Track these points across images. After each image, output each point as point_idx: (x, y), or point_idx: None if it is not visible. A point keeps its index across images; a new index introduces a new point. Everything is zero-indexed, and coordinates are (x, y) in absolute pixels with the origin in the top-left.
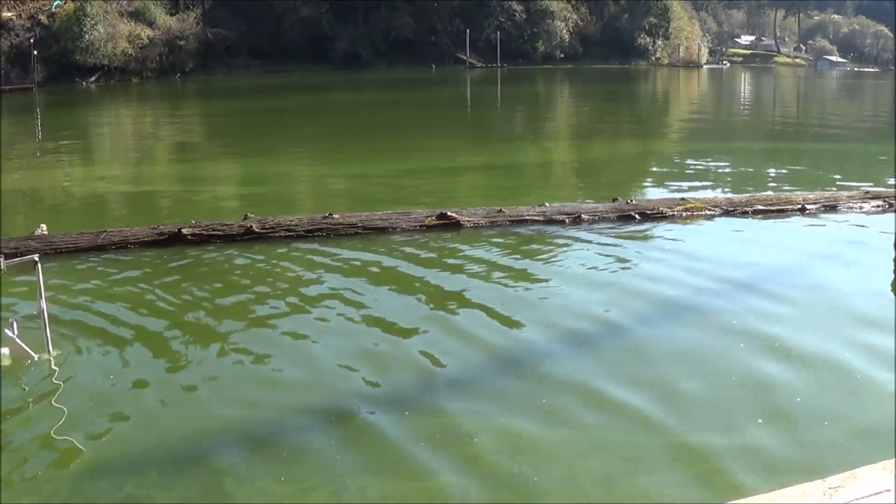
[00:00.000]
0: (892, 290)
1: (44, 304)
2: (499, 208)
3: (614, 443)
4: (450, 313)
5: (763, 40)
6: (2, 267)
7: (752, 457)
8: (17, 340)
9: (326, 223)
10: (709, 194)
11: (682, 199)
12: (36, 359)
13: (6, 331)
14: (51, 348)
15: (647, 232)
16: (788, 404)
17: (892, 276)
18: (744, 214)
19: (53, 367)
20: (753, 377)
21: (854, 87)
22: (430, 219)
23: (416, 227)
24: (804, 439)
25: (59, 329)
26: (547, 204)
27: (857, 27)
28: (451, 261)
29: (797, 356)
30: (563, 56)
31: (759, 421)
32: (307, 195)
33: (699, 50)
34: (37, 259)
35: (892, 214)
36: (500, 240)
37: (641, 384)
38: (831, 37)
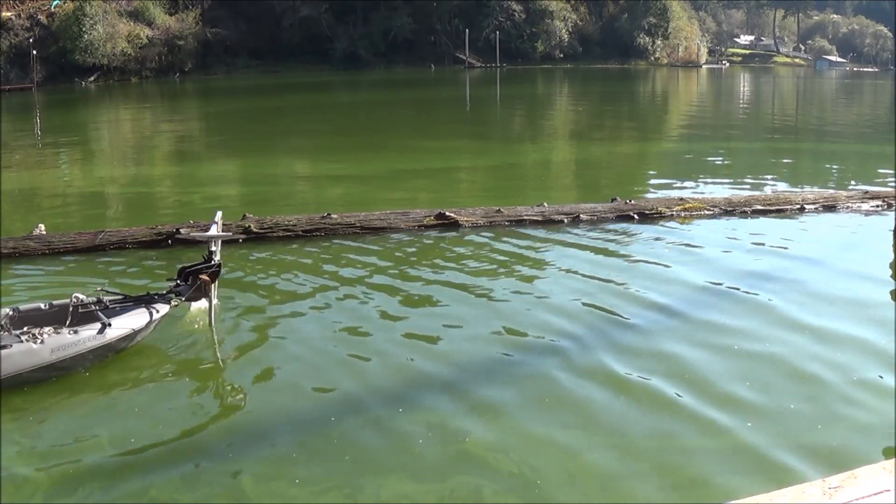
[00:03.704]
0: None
1: (218, 258)
2: (497, 208)
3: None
4: (449, 313)
5: (762, 40)
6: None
7: None
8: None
9: (325, 223)
10: (707, 194)
11: (681, 199)
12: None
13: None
14: (215, 297)
15: (646, 232)
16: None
17: (891, 276)
18: (742, 214)
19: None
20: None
21: (853, 86)
22: (428, 218)
23: (414, 226)
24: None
25: None
26: (546, 204)
27: (856, 27)
28: (448, 261)
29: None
30: (562, 56)
31: (749, 424)
32: (305, 195)
33: (698, 50)
34: (217, 220)
35: (892, 214)
36: (499, 240)
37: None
38: (830, 37)
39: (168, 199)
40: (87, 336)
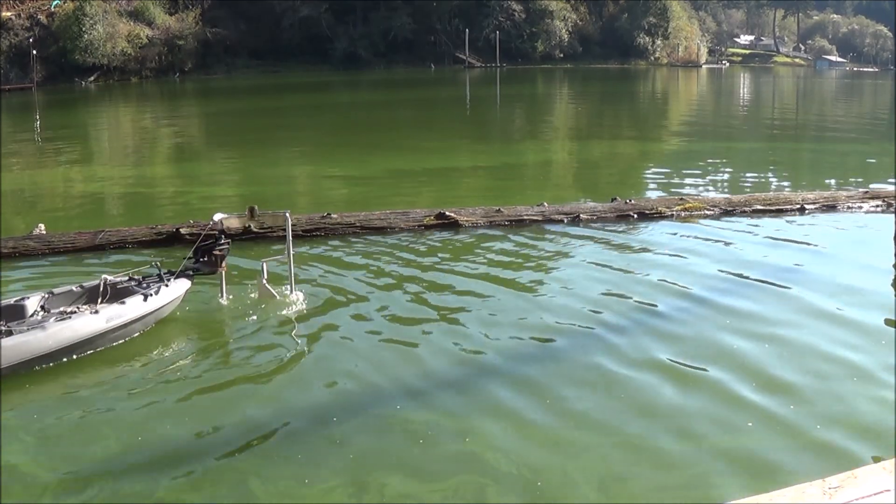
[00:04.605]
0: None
1: (291, 252)
2: (497, 208)
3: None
4: (447, 313)
5: (762, 40)
6: (256, 214)
7: None
8: (265, 282)
9: (325, 223)
10: (707, 194)
11: (681, 198)
12: (277, 298)
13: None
14: (293, 289)
15: (646, 231)
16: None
17: (893, 273)
18: (742, 214)
19: (296, 306)
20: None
21: (853, 86)
22: (428, 218)
23: (414, 226)
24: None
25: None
26: (546, 204)
27: (856, 27)
28: (448, 261)
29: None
30: (562, 56)
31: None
32: (305, 195)
33: (698, 50)
34: (288, 214)
35: (892, 214)
36: (499, 240)
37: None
38: (830, 37)
39: (168, 198)
40: (134, 305)
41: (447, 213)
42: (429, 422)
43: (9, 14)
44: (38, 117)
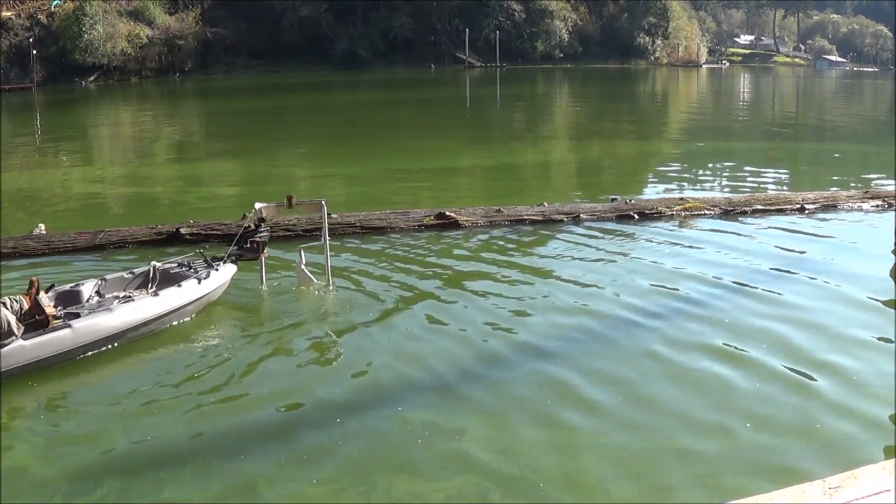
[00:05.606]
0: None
1: (327, 239)
2: (497, 208)
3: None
4: (448, 313)
5: (762, 40)
6: (293, 204)
7: None
8: (304, 268)
9: None
10: (707, 194)
11: (681, 198)
12: (315, 282)
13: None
14: (330, 277)
15: (646, 231)
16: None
17: (891, 274)
18: (743, 214)
19: (332, 294)
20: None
21: (853, 86)
22: (428, 218)
23: (414, 226)
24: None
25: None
26: (546, 203)
27: (856, 27)
28: (448, 261)
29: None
30: (562, 56)
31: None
32: (305, 195)
33: (698, 49)
34: (324, 203)
35: (892, 214)
36: (499, 239)
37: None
38: (830, 36)
39: (168, 198)
40: (190, 288)
41: (447, 213)
42: (428, 422)
43: (9, 14)
44: (38, 117)
